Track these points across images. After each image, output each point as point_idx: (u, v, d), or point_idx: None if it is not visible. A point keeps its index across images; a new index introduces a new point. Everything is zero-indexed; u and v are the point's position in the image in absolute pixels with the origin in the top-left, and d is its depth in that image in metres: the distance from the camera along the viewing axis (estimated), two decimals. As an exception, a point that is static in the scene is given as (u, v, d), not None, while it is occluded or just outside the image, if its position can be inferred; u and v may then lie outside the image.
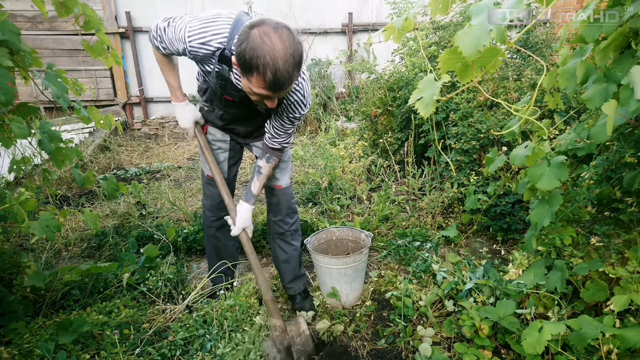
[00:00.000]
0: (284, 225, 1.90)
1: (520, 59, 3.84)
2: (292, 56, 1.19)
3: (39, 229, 1.40)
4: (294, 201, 1.92)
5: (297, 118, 1.55)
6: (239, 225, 1.67)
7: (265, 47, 1.15)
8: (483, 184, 2.60)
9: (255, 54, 1.16)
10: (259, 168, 1.68)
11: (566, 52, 1.32)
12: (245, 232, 1.69)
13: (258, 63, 1.16)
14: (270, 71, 1.17)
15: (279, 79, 1.19)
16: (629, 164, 1.54)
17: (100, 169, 4.26)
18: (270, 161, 1.67)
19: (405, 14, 1.15)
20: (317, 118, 5.54)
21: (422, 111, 0.92)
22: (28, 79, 1.58)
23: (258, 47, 1.15)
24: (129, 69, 5.97)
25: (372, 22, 6.28)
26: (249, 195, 1.68)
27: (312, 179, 3.36)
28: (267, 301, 1.65)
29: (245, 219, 1.67)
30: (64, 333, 1.54)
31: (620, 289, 1.35)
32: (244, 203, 1.68)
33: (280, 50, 1.16)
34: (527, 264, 1.78)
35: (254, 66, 1.17)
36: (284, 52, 1.17)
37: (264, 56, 1.15)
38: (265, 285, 1.68)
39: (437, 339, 1.76)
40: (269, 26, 1.18)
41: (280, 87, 1.23)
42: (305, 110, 1.53)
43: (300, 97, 1.48)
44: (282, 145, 1.65)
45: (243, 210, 1.67)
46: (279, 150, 1.67)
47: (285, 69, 1.18)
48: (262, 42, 1.15)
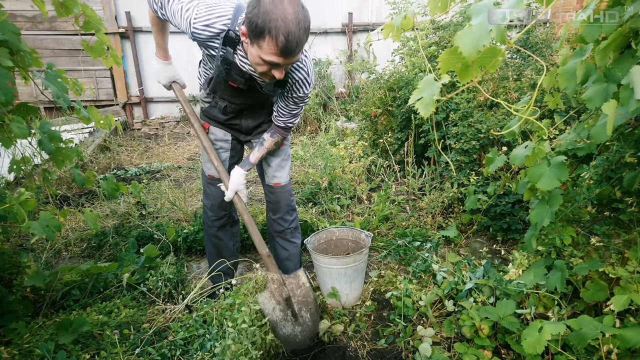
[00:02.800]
0: (284, 223, 1.91)
1: (520, 59, 3.84)
2: (302, 21, 1.21)
3: (39, 229, 1.40)
4: (293, 199, 1.93)
5: (301, 98, 1.57)
6: (231, 188, 1.68)
7: (277, 10, 1.17)
8: (483, 184, 2.60)
9: (268, 18, 1.17)
10: (262, 140, 1.72)
11: (566, 52, 1.32)
12: (238, 195, 1.70)
13: (271, 26, 1.18)
14: (282, 34, 1.19)
15: (291, 42, 1.21)
16: (629, 164, 1.54)
17: (100, 169, 4.26)
18: (274, 136, 1.70)
19: (404, 12, 1.15)
20: (317, 118, 5.54)
21: (422, 111, 0.92)
22: (28, 79, 1.58)
23: (270, 10, 1.17)
24: (129, 69, 5.97)
25: (372, 22, 6.28)
26: (246, 162, 1.72)
27: (312, 179, 3.36)
28: (264, 256, 1.66)
29: (238, 183, 1.68)
30: (64, 333, 1.54)
31: (620, 289, 1.35)
32: (238, 168, 1.70)
33: (291, 13, 1.18)
34: (527, 264, 1.78)
35: (267, 29, 1.19)
36: (295, 16, 1.19)
37: (276, 19, 1.17)
38: (261, 241, 1.69)
39: (437, 339, 1.76)
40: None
41: (291, 52, 1.24)
42: (309, 89, 1.55)
43: (304, 75, 1.49)
44: (287, 124, 1.68)
45: (236, 175, 1.68)
46: (284, 129, 1.70)
47: (297, 32, 1.20)
48: (273, 6, 1.18)
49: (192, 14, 1.40)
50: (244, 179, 1.70)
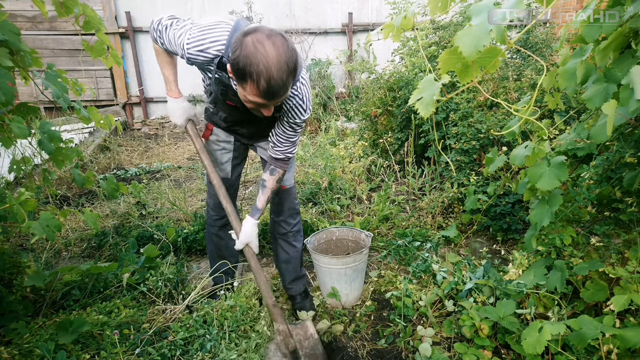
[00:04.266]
0: (287, 225, 1.89)
1: (520, 59, 3.85)
2: (286, 64, 1.17)
3: (39, 229, 1.40)
4: (297, 202, 1.91)
5: (297, 124, 1.52)
6: (242, 240, 1.63)
7: (259, 54, 1.14)
8: (483, 184, 2.60)
9: (249, 62, 1.14)
10: (263, 182, 1.66)
11: (566, 52, 1.32)
12: (249, 247, 1.65)
13: (252, 71, 1.15)
14: (264, 79, 1.16)
15: (273, 87, 1.18)
16: (629, 164, 1.54)
17: (100, 169, 4.26)
18: (274, 173, 1.64)
19: (404, 12, 1.15)
20: (317, 118, 5.54)
21: (422, 111, 0.92)
22: (28, 79, 1.58)
23: (251, 54, 1.14)
24: (129, 69, 5.97)
25: (372, 22, 6.28)
26: (255, 210, 1.65)
27: (312, 179, 3.36)
28: (269, 305, 1.61)
29: (249, 234, 1.63)
30: (64, 333, 1.54)
31: (620, 289, 1.35)
32: (249, 218, 1.65)
33: (273, 57, 1.15)
34: (527, 264, 1.78)
35: (248, 74, 1.16)
36: (277, 60, 1.15)
37: (257, 64, 1.14)
38: (268, 290, 1.63)
39: (437, 339, 1.76)
40: (262, 33, 1.17)
41: (274, 95, 1.22)
42: (306, 115, 1.50)
43: (298, 102, 1.45)
44: (286, 154, 1.62)
45: (248, 225, 1.63)
46: (283, 161, 1.64)
47: (279, 77, 1.17)
48: (255, 50, 1.14)
49: (184, 38, 1.37)
50: (255, 228, 1.65)
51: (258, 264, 1.64)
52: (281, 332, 1.62)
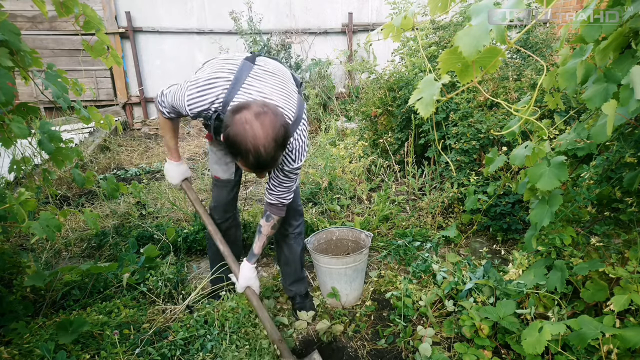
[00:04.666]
0: (289, 227, 1.88)
1: (520, 59, 3.85)
2: (274, 140, 1.21)
3: (39, 229, 1.40)
4: (300, 203, 1.89)
5: (288, 172, 1.53)
6: (241, 284, 1.64)
7: (247, 135, 1.19)
8: (483, 184, 2.60)
9: (238, 141, 1.20)
10: (259, 227, 1.67)
11: (566, 52, 1.32)
12: (250, 288, 1.65)
13: (241, 149, 1.21)
14: (252, 156, 1.21)
15: (262, 163, 1.24)
16: (629, 164, 1.54)
17: (100, 169, 4.26)
18: (269, 220, 1.64)
19: (404, 12, 1.15)
20: (317, 118, 5.54)
21: (422, 111, 0.92)
22: (28, 79, 1.58)
23: (240, 134, 1.19)
24: (129, 69, 5.97)
25: (372, 22, 6.28)
26: (251, 255, 1.67)
27: (312, 179, 3.36)
28: (276, 341, 1.59)
29: (248, 278, 1.64)
30: (64, 333, 1.54)
31: (620, 289, 1.35)
32: (246, 263, 1.66)
33: (261, 137, 1.19)
34: (527, 264, 1.78)
35: (238, 150, 1.22)
36: (265, 139, 1.20)
37: (246, 143, 1.19)
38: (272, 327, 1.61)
39: (437, 339, 1.76)
40: (251, 112, 1.21)
41: (263, 168, 1.27)
42: (295, 165, 1.50)
43: (288, 154, 1.47)
44: (279, 200, 1.61)
45: (245, 269, 1.64)
46: (277, 207, 1.63)
47: (268, 154, 1.22)
48: (244, 130, 1.19)
49: (184, 99, 1.41)
50: (254, 271, 1.66)
51: (260, 302, 1.64)
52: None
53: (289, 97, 1.45)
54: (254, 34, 5.42)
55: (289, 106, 1.43)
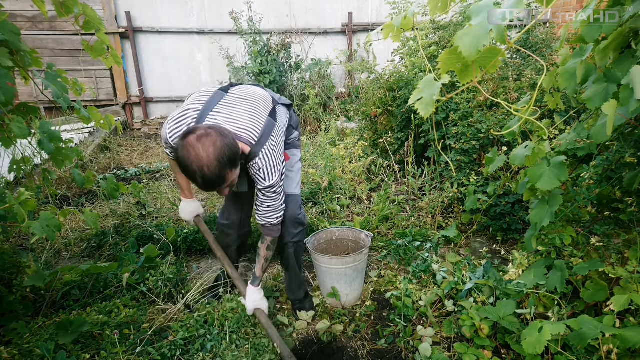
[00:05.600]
0: (287, 235, 1.84)
1: (520, 59, 3.85)
2: (216, 160, 1.29)
3: (39, 229, 1.40)
4: (301, 212, 1.86)
5: (266, 190, 1.58)
6: (249, 307, 1.71)
7: (191, 157, 1.28)
8: (483, 184, 2.60)
9: (185, 164, 1.29)
10: (258, 250, 1.74)
11: (566, 52, 1.32)
12: (259, 309, 1.71)
13: (188, 172, 1.31)
14: (198, 177, 1.30)
15: (208, 182, 1.32)
16: (629, 164, 1.54)
17: (100, 169, 4.26)
18: (263, 242, 1.71)
19: (404, 12, 1.15)
20: (317, 118, 5.54)
21: (422, 111, 0.92)
22: (28, 79, 1.58)
23: (185, 157, 1.29)
24: (129, 69, 5.97)
25: (372, 22, 6.28)
26: (254, 278, 1.74)
27: (312, 179, 3.36)
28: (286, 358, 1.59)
29: (254, 301, 1.71)
30: (64, 333, 1.54)
31: (620, 289, 1.35)
32: (251, 287, 1.72)
33: (203, 158, 1.28)
34: (527, 264, 1.78)
35: (187, 172, 1.32)
36: (207, 159, 1.28)
37: (191, 165, 1.29)
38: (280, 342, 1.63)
39: (437, 339, 1.76)
40: (194, 136, 1.29)
41: (213, 186, 1.35)
42: (266, 183, 1.56)
43: (257, 171, 1.54)
44: (267, 221, 1.65)
45: (250, 293, 1.72)
46: (266, 228, 1.67)
47: (212, 173, 1.30)
48: (188, 154, 1.28)
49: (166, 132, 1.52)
50: (260, 294, 1.72)
51: (269, 321, 1.68)
52: None
53: (255, 118, 1.54)
54: (254, 33, 5.42)
55: (254, 127, 1.51)
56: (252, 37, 5.40)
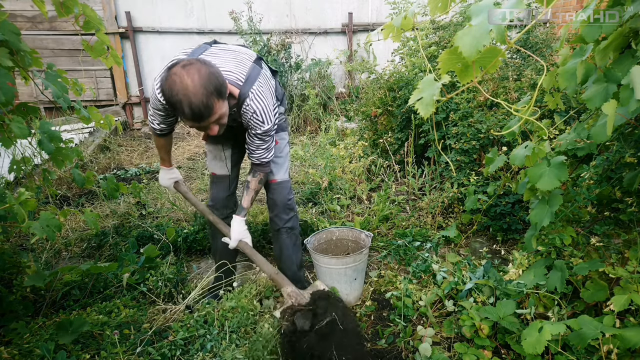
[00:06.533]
0: (279, 221, 1.91)
1: (520, 59, 3.84)
2: (203, 87, 1.29)
3: (40, 229, 1.40)
4: (291, 198, 1.92)
5: (259, 135, 1.60)
6: (234, 237, 1.74)
7: (176, 85, 1.28)
8: (483, 184, 2.60)
9: (170, 93, 1.29)
10: (247, 183, 1.76)
11: (566, 52, 1.32)
12: (242, 241, 1.75)
13: (174, 101, 1.30)
14: (185, 106, 1.29)
15: (195, 110, 1.31)
16: (629, 164, 1.54)
17: (100, 169, 4.26)
18: (256, 175, 1.74)
19: (404, 12, 1.15)
20: (317, 118, 5.54)
21: (422, 111, 0.92)
22: (28, 79, 1.58)
23: (171, 87, 1.29)
24: (129, 69, 5.97)
25: (372, 22, 6.28)
26: (240, 208, 1.77)
27: (312, 179, 3.36)
28: (272, 275, 1.68)
29: (239, 231, 1.74)
30: (64, 333, 1.54)
31: (620, 289, 1.35)
32: (236, 217, 1.75)
33: (189, 85, 1.27)
34: (527, 264, 1.78)
35: (173, 104, 1.31)
36: (193, 86, 1.28)
37: (177, 94, 1.28)
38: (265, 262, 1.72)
39: (437, 339, 1.76)
40: (179, 65, 1.30)
41: (201, 117, 1.34)
42: (265, 127, 1.58)
43: (252, 115, 1.54)
44: (260, 160, 1.70)
45: (236, 223, 1.74)
46: (260, 166, 1.72)
47: (199, 100, 1.29)
48: (173, 82, 1.28)
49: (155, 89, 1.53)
50: (244, 225, 1.75)
51: (253, 250, 1.74)
52: (291, 293, 1.65)
53: (240, 64, 1.56)
54: (254, 33, 5.42)
55: (239, 71, 1.53)
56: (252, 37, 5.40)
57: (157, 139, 1.81)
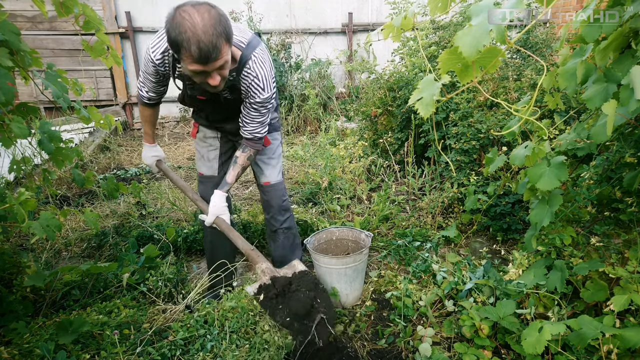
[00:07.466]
0: (275, 222, 1.89)
1: (520, 59, 3.84)
2: (212, 27, 1.25)
3: (40, 229, 1.40)
4: (286, 199, 1.91)
5: (258, 104, 1.56)
6: (212, 212, 1.67)
7: (186, 22, 1.24)
8: (483, 184, 2.60)
9: (178, 31, 1.24)
10: (235, 158, 1.71)
11: (566, 52, 1.32)
12: (220, 217, 1.69)
13: (182, 39, 1.24)
14: (194, 44, 1.24)
15: (204, 50, 1.25)
16: (629, 164, 1.54)
17: (100, 169, 4.26)
18: (245, 151, 1.69)
19: (404, 13, 1.15)
20: (317, 118, 5.54)
21: (422, 111, 0.92)
22: (28, 79, 1.58)
23: (179, 24, 1.24)
24: (129, 69, 5.97)
25: (372, 22, 6.28)
26: (224, 183, 1.71)
27: (312, 179, 3.36)
28: (247, 251, 1.61)
29: (218, 206, 1.67)
30: (64, 333, 1.54)
31: (620, 289, 1.35)
32: (217, 191, 1.69)
33: (199, 23, 1.24)
34: (527, 264, 1.78)
35: (179, 42, 1.25)
36: (203, 24, 1.24)
37: (186, 31, 1.23)
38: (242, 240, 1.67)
39: (437, 339, 1.76)
40: (189, 5, 1.27)
41: (208, 58, 1.28)
42: (265, 95, 1.54)
43: (253, 80, 1.50)
44: (253, 134, 1.66)
45: (216, 197, 1.68)
46: (252, 141, 1.68)
47: (208, 40, 1.24)
48: (182, 19, 1.24)
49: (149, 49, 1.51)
50: (224, 200, 1.69)
51: (229, 226, 1.69)
52: (265, 270, 1.60)
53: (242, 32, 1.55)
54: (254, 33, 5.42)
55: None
56: (252, 37, 5.39)
57: (143, 110, 1.79)
